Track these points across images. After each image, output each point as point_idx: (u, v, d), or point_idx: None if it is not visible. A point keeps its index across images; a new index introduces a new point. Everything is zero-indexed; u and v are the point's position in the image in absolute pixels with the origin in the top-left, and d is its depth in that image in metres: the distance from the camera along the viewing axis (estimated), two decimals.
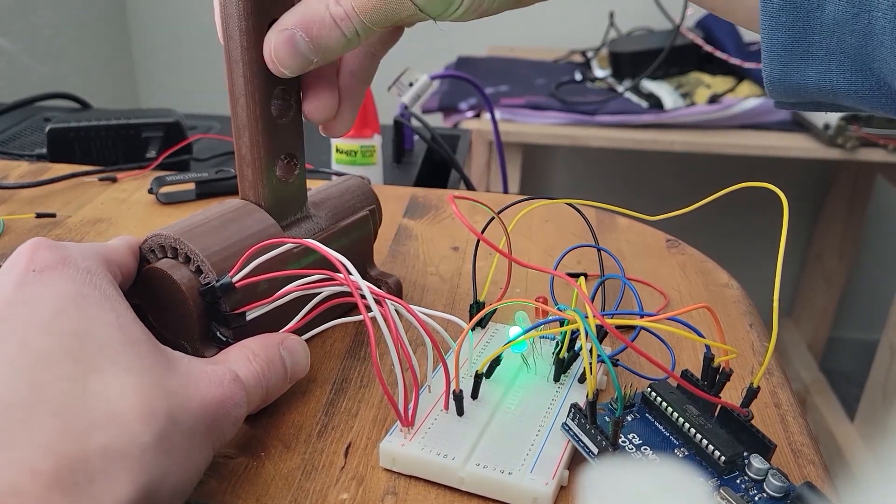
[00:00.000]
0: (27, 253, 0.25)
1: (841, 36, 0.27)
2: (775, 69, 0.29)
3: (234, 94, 0.31)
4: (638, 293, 0.38)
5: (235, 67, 0.31)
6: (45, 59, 1.32)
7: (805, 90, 0.29)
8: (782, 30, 0.28)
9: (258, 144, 0.32)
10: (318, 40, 0.30)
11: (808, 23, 0.28)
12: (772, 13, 0.28)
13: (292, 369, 0.29)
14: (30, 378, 0.21)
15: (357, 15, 0.30)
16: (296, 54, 0.30)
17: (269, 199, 0.33)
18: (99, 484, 0.19)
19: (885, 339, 1.25)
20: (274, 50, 0.30)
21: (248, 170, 0.33)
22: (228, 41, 0.30)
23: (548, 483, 0.25)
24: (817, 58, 0.28)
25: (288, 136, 0.33)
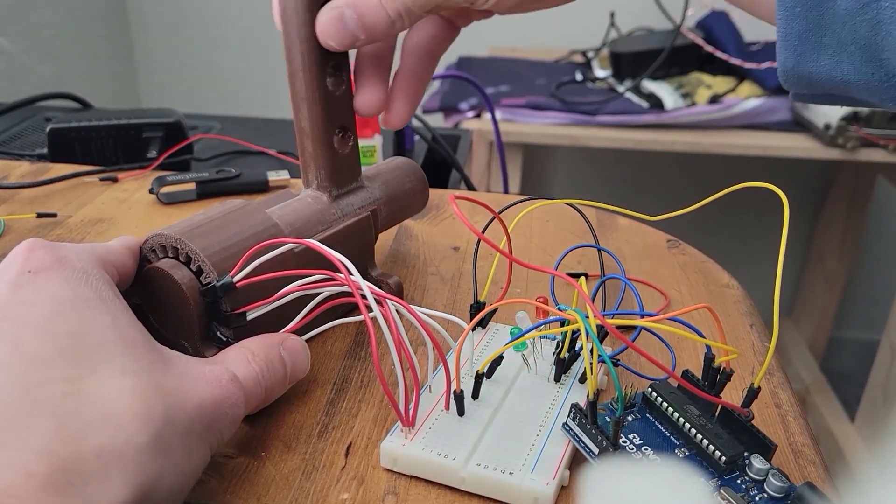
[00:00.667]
0: (22, 254, 0.25)
1: (852, 26, 0.28)
2: (789, 58, 0.30)
3: (292, 70, 0.34)
4: (639, 293, 0.38)
5: (293, 45, 0.33)
6: (46, 59, 1.32)
7: (818, 80, 0.30)
8: (797, 20, 0.29)
9: (317, 116, 0.34)
10: (365, 18, 0.32)
11: (821, 13, 0.28)
12: (787, 4, 0.29)
13: (292, 369, 0.29)
14: (24, 379, 0.21)
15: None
16: (343, 30, 0.33)
17: (328, 168, 0.36)
18: (94, 485, 0.19)
19: (885, 340, 1.25)
20: (324, 24, 0.33)
21: (307, 141, 0.35)
22: (286, 22, 0.33)
23: (549, 483, 0.25)
24: (830, 48, 0.29)
25: (341, 109, 0.35)
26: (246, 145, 0.68)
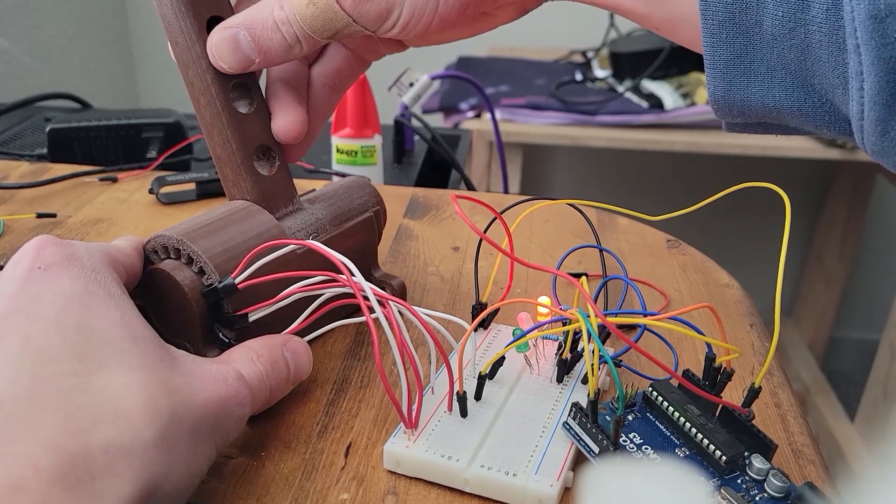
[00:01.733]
0: (33, 250, 0.25)
1: (780, 51, 0.27)
2: (719, 87, 0.29)
3: (194, 96, 0.32)
4: (640, 293, 0.38)
5: (188, 69, 0.31)
6: (46, 59, 1.32)
7: (750, 108, 0.29)
8: (723, 46, 0.28)
9: (228, 140, 0.32)
10: (260, 41, 0.31)
11: (748, 39, 0.27)
12: (713, 30, 0.28)
13: (295, 370, 0.29)
14: (34, 373, 0.21)
15: (298, 21, 0.31)
16: (236, 51, 0.31)
17: (253, 194, 0.33)
18: (101, 480, 0.19)
19: (885, 339, 1.25)
20: (215, 45, 0.31)
21: (226, 169, 0.33)
22: (175, 46, 0.31)
23: (552, 484, 0.25)
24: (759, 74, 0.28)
25: (257, 128, 0.33)
26: None
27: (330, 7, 0.30)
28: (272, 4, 0.31)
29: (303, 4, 0.31)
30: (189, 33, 0.31)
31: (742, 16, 0.27)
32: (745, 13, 0.27)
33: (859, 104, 0.24)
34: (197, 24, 0.31)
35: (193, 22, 0.31)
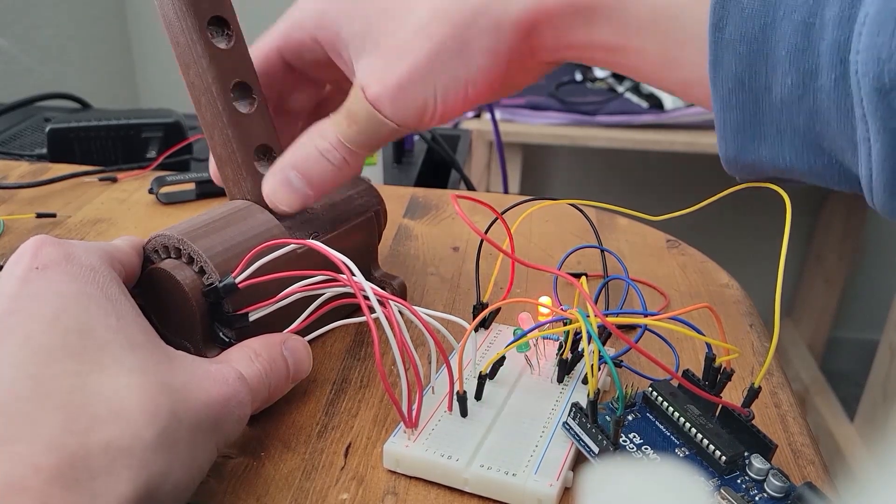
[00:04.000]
0: (31, 249, 0.25)
1: (790, 116, 0.28)
2: (730, 149, 0.29)
3: (195, 96, 0.32)
4: (641, 294, 0.38)
5: (188, 69, 0.31)
6: (46, 59, 1.32)
7: (761, 168, 0.30)
8: (734, 111, 0.29)
9: (229, 139, 0.32)
10: (310, 176, 0.33)
11: (758, 104, 0.28)
12: (723, 95, 0.28)
13: (295, 370, 0.29)
14: (33, 373, 0.21)
15: (343, 144, 0.33)
16: (292, 193, 0.33)
17: (253, 194, 0.33)
18: (101, 480, 0.19)
19: (885, 339, 1.25)
20: (271, 192, 0.33)
21: (227, 168, 0.33)
22: (176, 46, 0.31)
23: (552, 484, 0.25)
24: (770, 137, 0.29)
25: (258, 128, 0.33)
26: None
27: (372, 118, 0.32)
28: (314, 138, 0.33)
29: (343, 126, 0.32)
30: (190, 33, 0.31)
31: (751, 82, 0.28)
32: (755, 79, 0.28)
33: (868, 168, 0.25)
34: (198, 23, 0.31)
35: (194, 21, 0.31)
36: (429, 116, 0.33)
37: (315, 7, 0.34)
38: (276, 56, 0.35)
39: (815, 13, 0.26)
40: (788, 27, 0.26)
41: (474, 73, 0.32)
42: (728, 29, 0.27)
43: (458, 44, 0.32)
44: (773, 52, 0.27)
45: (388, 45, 0.32)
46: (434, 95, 0.32)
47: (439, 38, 0.31)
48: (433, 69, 0.32)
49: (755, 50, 0.27)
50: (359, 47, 0.32)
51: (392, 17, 0.32)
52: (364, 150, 0.33)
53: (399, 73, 0.32)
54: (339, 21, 0.33)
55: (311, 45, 0.34)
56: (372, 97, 0.32)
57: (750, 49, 0.27)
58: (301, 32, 0.34)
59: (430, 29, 0.32)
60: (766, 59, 0.27)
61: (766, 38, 0.27)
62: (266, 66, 0.35)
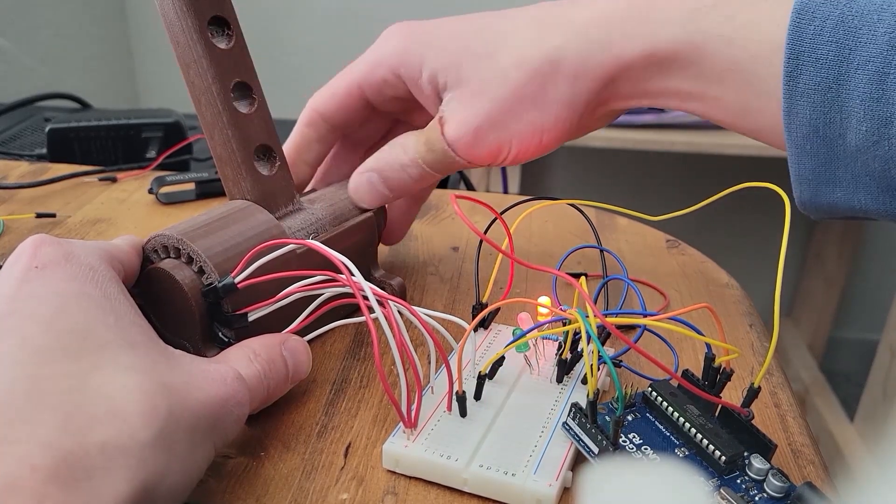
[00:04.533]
0: (30, 249, 0.25)
1: (864, 161, 0.29)
2: (805, 192, 0.31)
3: (195, 95, 0.32)
4: (640, 293, 0.38)
5: (188, 69, 0.31)
6: (46, 59, 1.32)
7: (836, 209, 0.31)
8: (808, 157, 0.30)
9: (229, 139, 0.32)
10: (389, 181, 0.36)
11: (832, 150, 0.29)
12: (798, 142, 0.30)
13: (294, 370, 0.29)
14: (31, 373, 0.21)
15: (420, 163, 0.36)
16: (372, 191, 0.37)
17: (253, 193, 0.33)
18: (98, 480, 0.19)
19: (884, 340, 1.25)
20: (354, 188, 0.37)
21: (226, 168, 0.33)
22: (176, 46, 0.31)
23: (551, 484, 0.25)
24: (844, 181, 0.30)
25: (257, 128, 0.33)
26: None
27: (447, 154, 0.35)
28: (397, 150, 0.36)
29: (423, 150, 0.35)
30: (190, 33, 0.31)
31: (826, 129, 0.29)
32: (829, 127, 0.29)
33: None
34: (198, 23, 0.31)
35: (195, 21, 0.31)
36: (502, 158, 0.35)
37: (398, 44, 0.36)
38: (357, 92, 0.37)
39: (889, 63, 0.27)
40: (863, 77, 0.27)
41: (550, 122, 0.34)
42: (802, 79, 0.29)
43: (536, 92, 0.33)
44: (848, 101, 0.28)
45: (469, 85, 0.34)
46: (509, 140, 0.34)
47: (518, 84, 0.33)
48: (509, 116, 0.33)
49: (829, 99, 0.28)
50: (443, 83, 0.35)
51: (476, 57, 0.34)
52: (438, 174, 0.36)
53: (474, 118, 0.34)
54: (423, 56, 0.35)
55: (392, 80, 0.36)
56: (448, 138, 0.34)
57: (824, 98, 0.28)
58: (383, 69, 0.36)
59: (509, 75, 0.33)
60: (841, 107, 0.28)
61: (840, 88, 0.28)
62: (347, 100, 0.37)
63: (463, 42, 0.34)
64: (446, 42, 0.35)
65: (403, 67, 0.35)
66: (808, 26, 0.28)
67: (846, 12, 0.28)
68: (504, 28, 0.34)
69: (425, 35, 0.35)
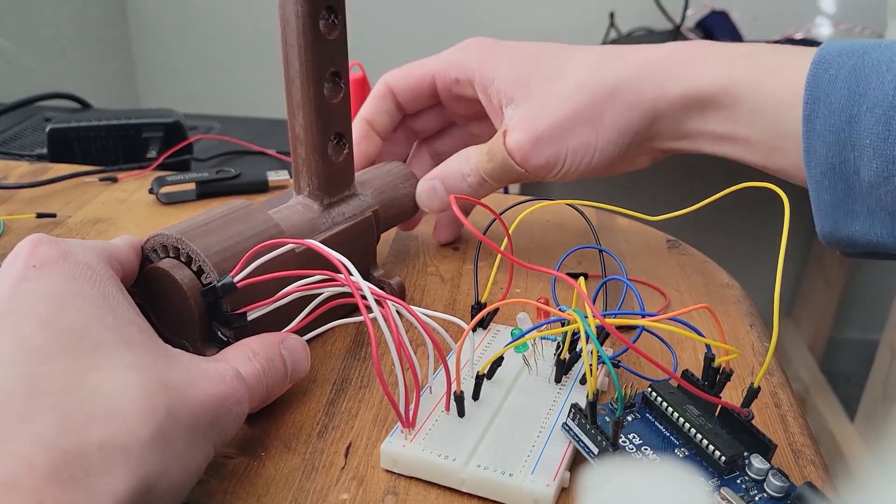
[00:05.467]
0: (28, 248, 0.25)
1: (878, 196, 0.32)
2: (825, 224, 0.34)
3: (289, 76, 0.33)
4: (639, 294, 0.38)
5: (291, 51, 0.32)
6: (46, 59, 1.32)
7: (855, 242, 0.34)
8: (826, 192, 0.33)
9: (312, 123, 0.34)
10: (451, 189, 0.40)
11: (849, 185, 0.32)
12: (816, 178, 0.33)
13: (293, 369, 0.29)
14: (29, 372, 0.21)
15: (480, 173, 0.40)
16: (435, 197, 0.41)
17: (321, 176, 0.35)
18: (96, 478, 0.19)
19: (885, 340, 1.25)
20: (419, 193, 0.41)
21: (301, 148, 0.34)
22: (285, 25, 0.32)
23: (549, 484, 0.25)
24: (861, 214, 0.33)
25: (338, 117, 0.34)
26: (245, 145, 0.68)
27: (506, 162, 0.38)
28: (461, 160, 0.40)
29: (484, 160, 0.39)
30: (303, 17, 0.31)
31: (842, 166, 0.32)
32: (844, 164, 0.32)
33: None
34: (313, 10, 0.31)
35: (310, 7, 0.31)
36: (556, 171, 0.38)
37: (477, 55, 0.40)
38: (429, 80, 0.41)
39: (894, 107, 0.30)
40: (871, 119, 0.31)
41: (602, 143, 0.37)
42: (818, 121, 0.32)
43: (593, 113, 0.37)
44: (859, 140, 0.31)
45: (534, 102, 0.38)
46: (564, 154, 0.38)
47: (578, 104, 0.37)
48: (566, 131, 0.37)
49: (843, 139, 0.32)
50: (511, 96, 0.38)
51: (544, 78, 0.38)
52: (497, 184, 0.40)
53: (535, 129, 0.37)
54: (499, 70, 0.39)
55: (463, 82, 0.40)
56: (509, 146, 0.38)
57: (838, 138, 0.32)
58: (458, 70, 0.40)
59: (571, 95, 0.37)
60: (854, 146, 0.31)
61: (852, 129, 0.31)
62: (419, 84, 0.41)
63: (534, 64, 0.39)
64: (520, 61, 0.39)
65: (478, 75, 0.39)
66: (825, 74, 0.32)
67: (859, 63, 0.31)
68: (572, 56, 0.39)
69: (502, 51, 0.40)
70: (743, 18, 1.26)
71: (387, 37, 1.44)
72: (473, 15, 1.44)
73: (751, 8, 1.29)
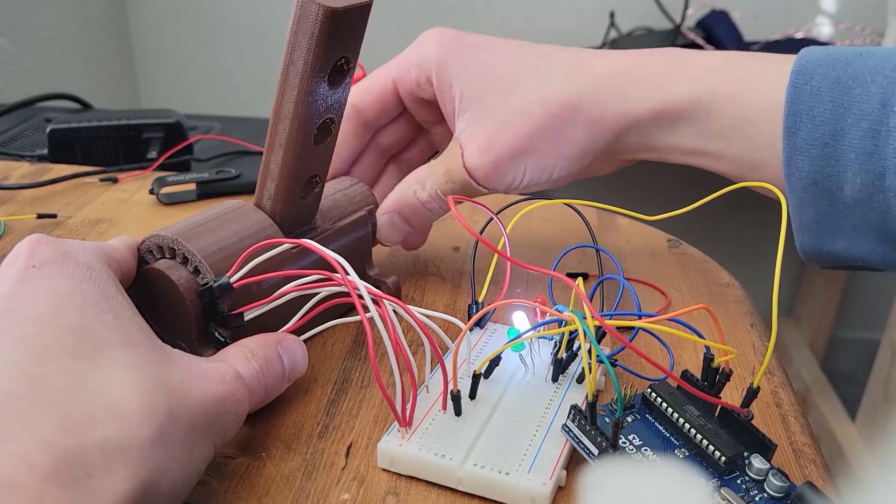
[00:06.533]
0: (27, 248, 0.25)
1: (863, 213, 0.30)
2: (807, 241, 0.33)
3: (279, 114, 0.30)
4: (637, 293, 0.38)
5: (289, 91, 0.29)
6: (46, 59, 1.33)
7: (838, 258, 0.33)
8: (809, 209, 0.32)
9: (288, 166, 0.31)
10: (410, 219, 0.38)
11: (831, 202, 0.31)
12: (798, 194, 0.31)
13: (290, 369, 0.29)
14: (29, 372, 0.21)
15: (439, 196, 0.37)
16: (396, 231, 0.39)
17: (284, 213, 0.33)
18: (97, 478, 0.19)
19: (886, 339, 1.25)
20: (380, 229, 0.39)
21: (271, 184, 0.32)
22: (290, 65, 0.29)
23: (545, 483, 0.25)
24: (844, 231, 0.31)
25: (318, 160, 0.33)
26: (246, 145, 0.68)
27: (467, 182, 0.36)
28: (414, 187, 0.38)
29: (442, 181, 0.37)
30: (310, 64, 0.29)
31: (824, 182, 0.31)
32: (827, 180, 0.31)
33: None
34: (323, 62, 0.29)
35: (321, 59, 0.29)
36: (515, 187, 0.37)
37: (434, 53, 0.37)
38: (391, 86, 0.39)
39: (881, 121, 0.29)
40: (857, 133, 0.29)
41: (562, 161, 0.36)
42: (800, 135, 0.31)
43: (554, 132, 0.35)
44: (844, 155, 0.30)
45: (491, 118, 0.36)
46: (523, 172, 0.36)
47: (537, 123, 0.35)
48: (526, 149, 0.35)
49: (827, 154, 0.30)
50: (464, 105, 0.36)
51: (500, 88, 0.36)
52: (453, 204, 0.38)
53: (497, 148, 0.35)
54: (457, 73, 0.36)
55: (424, 84, 0.38)
56: (469, 166, 0.36)
57: (822, 153, 0.30)
58: (418, 71, 0.37)
59: (531, 112, 0.35)
60: (838, 162, 0.30)
61: (836, 144, 0.30)
62: (382, 94, 0.39)
63: (495, 68, 0.36)
64: (479, 64, 0.36)
65: (435, 75, 0.37)
66: (806, 86, 0.30)
67: (842, 74, 0.30)
68: (535, 64, 0.36)
69: (462, 51, 0.37)
70: (743, 18, 1.26)
71: (384, 36, 1.45)
72: (473, 14, 1.44)
73: (751, 7, 1.29)
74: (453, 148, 0.37)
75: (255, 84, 1.59)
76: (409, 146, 0.43)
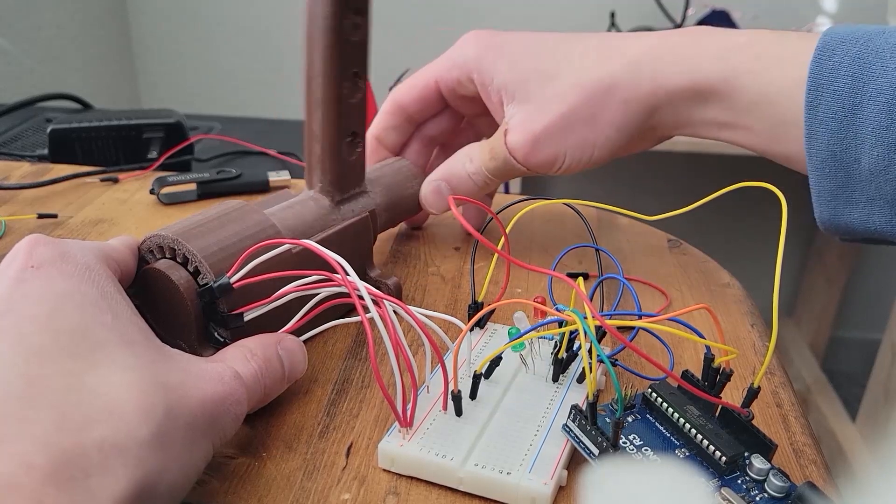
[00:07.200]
0: (25, 249, 0.25)
1: (878, 184, 0.32)
2: (824, 212, 0.34)
3: (310, 73, 0.33)
4: (637, 293, 0.38)
5: (315, 47, 0.33)
6: (46, 59, 1.33)
7: (854, 230, 0.34)
8: (827, 179, 0.33)
9: (329, 121, 0.34)
10: (456, 189, 0.41)
11: (848, 173, 0.33)
12: (817, 165, 0.33)
13: (290, 369, 0.29)
14: (27, 372, 0.21)
15: (484, 171, 0.40)
16: (440, 198, 0.42)
17: (334, 173, 0.35)
18: (95, 478, 0.19)
19: (886, 339, 1.25)
20: (425, 195, 0.42)
21: (316, 145, 0.35)
22: (311, 23, 0.32)
23: (546, 483, 0.25)
24: (860, 203, 0.33)
25: (354, 116, 0.35)
26: (246, 145, 0.68)
27: (508, 161, 0.39)
28: (463, 160, 0.41)
29: (487, 159, 0.40)
30: (328, 19, 0.32)
31: (842, 154, 0.32)
32: (846, 152, 0.32)
33: None
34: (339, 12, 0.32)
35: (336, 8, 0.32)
36: (557, 167, 0.39)
37: (474, 52, 0.40)
38: (433, 86, 0.42)
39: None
40: (874, 108, 0.31)
41: (601, 140, 0.38)
42: (821, 108, 0.32)
43: (590, 112, 0.38)
44: (861, 128, 0.31)
45: (532, 101, 0.38)
46: (564, 152, 0.38)
47: (573, 105, 0.38)
48: (565, 130, 0.38)
49: (845, 126, 0.32)
50: (510, 94, 0.39)
51: (542, 76, 0.38)
52: (500, 180, 0.41)
53: (534, 129, 0.38)
54: (496, 68, 0.39)
55: (465, 83, 0.41)
56: (510, 145, 0.39)
57: (840, 126, 0.32)
58: (459, 71, 0.40)
59: (567, 96, 0.38)
60: (856, 134, 0.32)
61: (854, 117, 0.31)
62: (424, 92, 0.42)
63: (532, 61, 0.39)
64: (517, 58, 0.39)
65: (477, 74, 0.40)
66: (828, 61, 0.32)
67: (863, 50, 0.31)
68: (570, 52, 0.39)
69: (499, 48, 0.40)
70: (743, 18, 1.26)
71: (387, 36, 1.44)
72: (474, 14, 1.44)
73: (751, 7, 1.29)
74: (500, 131, 0.39)
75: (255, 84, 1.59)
76: (458, 134, 0.46)
